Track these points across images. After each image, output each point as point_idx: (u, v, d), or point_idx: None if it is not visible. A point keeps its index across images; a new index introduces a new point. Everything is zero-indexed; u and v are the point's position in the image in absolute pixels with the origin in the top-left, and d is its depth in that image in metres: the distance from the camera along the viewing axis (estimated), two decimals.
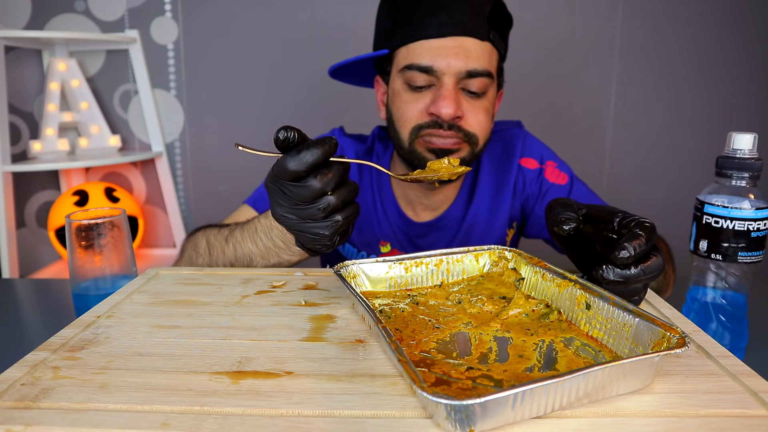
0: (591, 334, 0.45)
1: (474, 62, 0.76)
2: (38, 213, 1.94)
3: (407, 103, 0.80)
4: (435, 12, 0.76)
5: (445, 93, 0.76)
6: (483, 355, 0.42)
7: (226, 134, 1.90)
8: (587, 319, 0.46)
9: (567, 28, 1.75)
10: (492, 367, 0.40)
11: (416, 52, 0.78)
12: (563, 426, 0.33)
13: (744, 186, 0.56)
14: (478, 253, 0.59)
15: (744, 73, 1.76)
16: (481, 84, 0.78)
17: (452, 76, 0.76)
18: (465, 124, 0.78)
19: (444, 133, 0.78)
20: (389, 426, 0.34)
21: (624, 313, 0.43)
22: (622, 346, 0.42)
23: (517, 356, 0.42)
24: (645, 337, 0.40)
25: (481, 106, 0.80)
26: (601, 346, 0.44)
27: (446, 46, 0.76)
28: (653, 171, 1.84)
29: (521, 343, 0.44)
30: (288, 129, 0.49)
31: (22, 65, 1.82)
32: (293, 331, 0.48)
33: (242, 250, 0.70)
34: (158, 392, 0.37)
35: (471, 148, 0.81)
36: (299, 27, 1.79)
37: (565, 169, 0.92)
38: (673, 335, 0.38)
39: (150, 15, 1.81)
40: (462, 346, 0.44)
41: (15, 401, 0.36)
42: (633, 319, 0.42)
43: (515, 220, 0.94)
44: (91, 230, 0.62)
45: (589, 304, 0.46)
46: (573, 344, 0.44)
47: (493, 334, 0.46)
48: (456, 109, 0.76)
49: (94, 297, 0.61)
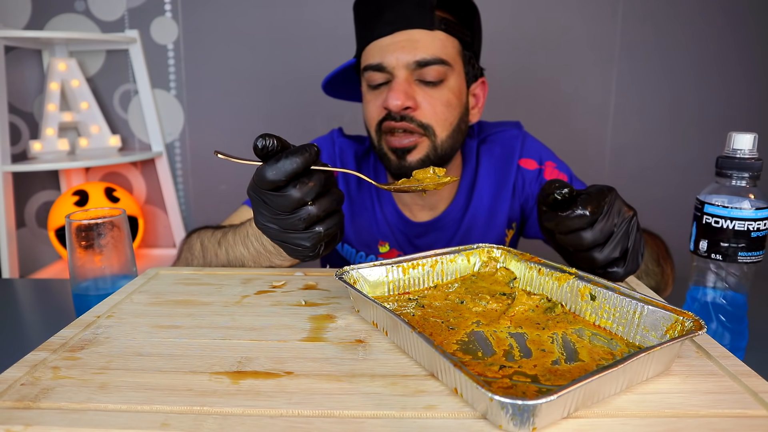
0: (599, 324, 0.46)
1: (422, 52, 0.77)
2: (38, 213, 1.94)
3: (369, 103, 0.83)
4: (382, 12, 0.78)
5: (393, 85, 0.78)
6: (507, 353, 0.42)
7: (226, 134, 1.90)
8: (593, 309, 0.47)
9: (567, 28, 1.75)
10: (521, 363, 0.41)
11: (370, 53, 0.81)
12: (563, 426, 0.33)
13: (744, 186, 0.56)
14: (468, 252, 0.59)
15: (744, 73, 1.76)
16: (435, 72, 0.78)
17: (402, 68, 0.78)
18: (419, 114, 0.79)
19: (397, 124, 0.79)
20: (389, 426, 0.34)
21: (632, 302, 0.44)
22: (633, 333, 0.44)
23: (539, 350, 0.43)
24: (657, 323, 0.42)
25: (438, 96, 0.80)
26: (611, 335, 0.45)
27: (394, 42, 0.78)
28: (653, 171, 1.84)
29: (537, 338, 0.45)
30: (267, 137, 0.48)
31: (22, 65, 1.82)
32: (293, 331, 0.48)
33: (234, 254, 0.70)
34: (158, 392, 0.37)
35: (430, 142, 0.80)
36: (299, 27, 1.79)
37: (564, 170, 0.92)
38: (686, 318, 0.40)
39: (150, 15, 1.81)
40: (483, 345, 0.44)
41: (15, 401, 0.36)
42: (643, 307, 0.44)
43: (514, 221, 0.94)
44: (91, 230, 0.62)
45: (594, 295, 0.47)
46: (585, 335, 0.45)
47: (506, 331, 0.46)
48: (404, 99, 0.77)
49: (94, 297, 0.61)
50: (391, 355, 0.43)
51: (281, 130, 2.00)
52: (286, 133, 1.85)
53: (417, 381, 0.39)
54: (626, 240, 0.51)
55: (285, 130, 1.83)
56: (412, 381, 0.39)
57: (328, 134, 0.97)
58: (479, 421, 0.34)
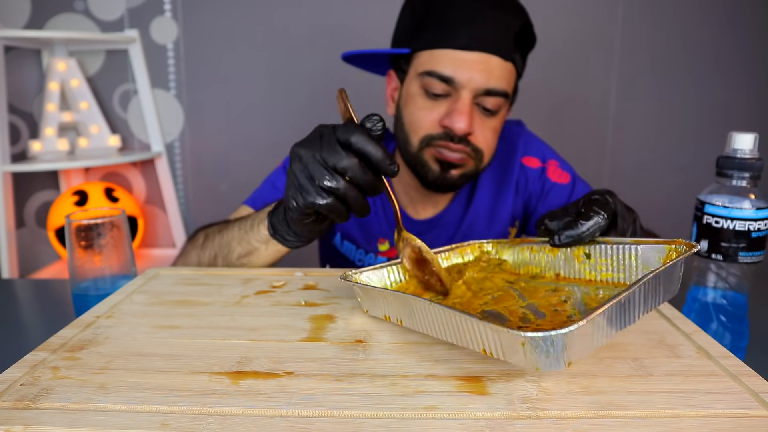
0: (599, 279, 0.48)
1: (495, 81, 0.76)
2: (38, 213, 1.94)
3: (421, 110, 0.79)
4: (468, 24, 0.75)
5: (461, 107, 0.76)
6: (522, 318, 0.43)
7: (226, 134, 1.90)
8: (591, 267, 0.48)
9: (567, 28, 1.75)
10: (539, 323, 0.42)
11: (440, 60, 0.76)
12: (563, 426, 0.33)
13: (744, 186, 0.56)
14: (462, 249, 0.59)
15: (744, 73, 1.76)
16: (496, 103, 0.78)
17: (471, 91, 0.76)
18: (474, 139, 0.78)
19: (454, 146, 0.78)
20: (389, 426, 0.34)
21: (625, 247, 0.46)
22: (634, 276, 0.45)
23: (552, 311, 0.44)
24: (653, 258, 0.44)
25: (491, 125, 0.80)
26: (614, 285, 0.46)
27: (471, 60, 0.75)
28: (653, 171, 1.84)
29: (547, 303, 0.45)
30: (379, 120, 0.50)
31: (21, 65, 1.82)
32: (293, 332, 0.48)
33: (227, 237, 0.71)
34: (158, 392, 0.37)
35: (476, 164, 0.81)
36: (299, 27, 1.79)
37: (567, 168, 0.92)
38: (678, 245, 0.43)
39: (150, 15, 1.81)
40: (498, 317, 0.45)
41: (14, 401, 0.36)
42: (636, 248, 0.45)
43: (517, 219, 0.94)
44: (90, 230, 0.62)
45: (588, 253, 0.49)
46: (590, 292, 0.46)
47: (517, 305, 0.47)
48: (469, 125, 0.76)
49: (93, 297, 0.61)
50: (391, 355, 0.43)
51: (281, 129, 2.00)
52: (286, 133, 1.86)
53: (417, 381, 0.39)
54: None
55: (284, 129, 1.84)
56: (412, 381, 0.39)
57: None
58: (479, 422, 0.34)
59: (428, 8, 0.79)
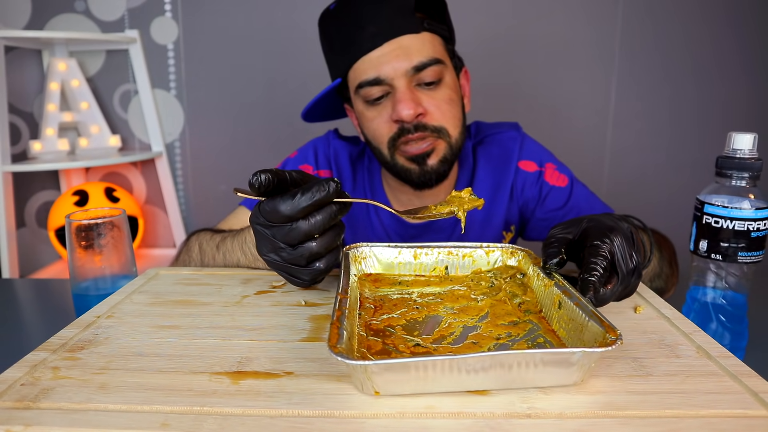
0: (558, 333, 0.45)
1: (417, 56, 0.77)
2: (38, 213, 1.94)
3: (373, 120, 0.81)
4: (363, 26, 0.77)
5: (399, 96, 0.77)
6: (441, 337, 0.45)
7: (226, 134, 1.90)
8: (558, 317, 0.47)
9: (567, 28, 1.75)
10: (440, 348, 0.43)
11: (361, 70, 0.78)
12: (563, 426, 0.33)
13: (744, 186, 0.56)
14: (489, 249, 0.59)
15: (744, 73, 1.76)
16: (433, 73, 0.78)
17: (401, 77, 0.77)
18: (429, 119, 0.78)
19: (413, 137, 0.78)
20: (389, 426, 0.34)
21: (582, 314, 0.42)
22: (576, 345, 0.41)
23: (471, 343, 0.44)
24: (591, 337, 0.40)
25: (442, 96, 0.79)
26: (562, 345, 0.43)
27: (385, 53, 0.76)
28: (653, 171, 1.83)
29: (487, 334, 0.46)
30: (261, 173, 0.48)
31: (22, 65, 1.82)
32: (293, 331, 0.48)
33: (231, 259, 0.70)
34: (158, 392, 0.37)
35: (446, 143, 0.80)
36: (299, 27, 1.79)
37: (564, 171, 0.92)
38: (610, 336, 0.37)
39: (150, 15, 1.81)
40: (429, 327, 0.46)
41: (15, 401, 0.36)
42: (587, 320, 0.41)
43: (513, 224, 0.93)
44: (91, 230, 0.62)
45: (561, 303, 0.47)
46: (536, 341, 0.44)
47: (464, 323, 0.48)
48: (414, 107, 0.76)
49: (94, 297, 0.61)
50: None
51: (280, 129, 2.00)
52: (285, 132, 1.85)
53: None
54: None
55: (284, 129, 1.84)
56: None
57: (325, 135, 0.97)
58: (479, 421, 0.34)
59: (331, 37, 0.82)
